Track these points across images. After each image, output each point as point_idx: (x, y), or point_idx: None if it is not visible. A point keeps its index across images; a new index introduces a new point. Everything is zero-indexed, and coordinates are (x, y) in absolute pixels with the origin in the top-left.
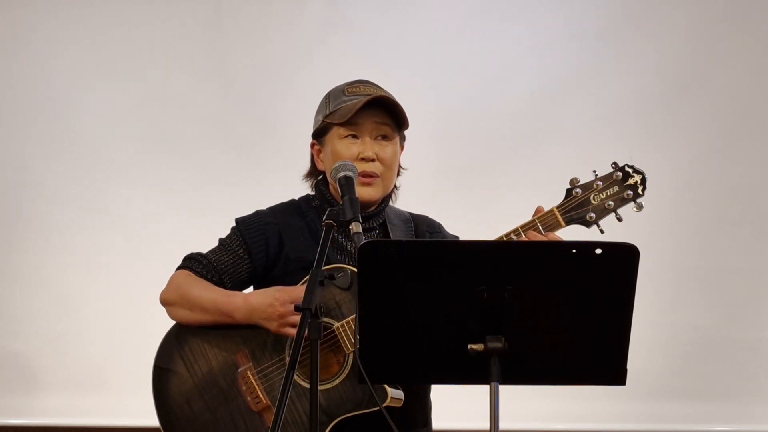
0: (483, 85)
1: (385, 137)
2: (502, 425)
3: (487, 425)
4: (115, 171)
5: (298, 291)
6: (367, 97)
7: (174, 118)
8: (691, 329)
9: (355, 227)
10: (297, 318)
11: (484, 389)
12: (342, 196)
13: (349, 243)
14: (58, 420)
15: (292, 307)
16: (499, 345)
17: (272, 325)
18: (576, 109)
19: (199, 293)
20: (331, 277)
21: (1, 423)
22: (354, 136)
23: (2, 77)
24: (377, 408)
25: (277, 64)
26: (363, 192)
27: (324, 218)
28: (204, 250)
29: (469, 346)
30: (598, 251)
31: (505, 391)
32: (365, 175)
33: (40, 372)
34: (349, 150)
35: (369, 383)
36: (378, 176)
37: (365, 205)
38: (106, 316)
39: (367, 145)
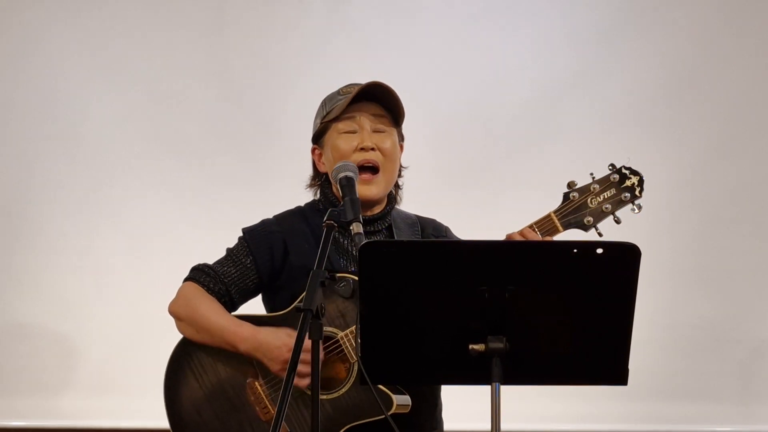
0: (485, 87)
1: (382, 131)
2: (503, 426)
3: (488, 426)
4: (119, 174)
5: (307, 343)
6: (361, 86)
7: (178, 122)
8: (691, 329)
9: (356, 228)
10: (300, 368)
11: (486, 389)
12: (343, 197)
13: (351, 245)
14: (61, 422)
15: (306, 366)
16: (500, 345)
17: (274, 367)
18: (577, 111)
19: (208, 316)
20: (333, 278)
21: (4, 425)
22: (352, 132)
23: (7, 80)
24: (380, 417)
25: (280, 67)
26: (366, 191)
27: (324, 219)
28: (210, 258)
29: (470, 347)
30: (600, 251)
31: (507, 391)
32: (366, 163)
33: (44, 374)
34: (348, 143)
35: (371, 386)
36: (378, 170)
37: (369, 204)
38: (110, 319)
39: (365, 135)
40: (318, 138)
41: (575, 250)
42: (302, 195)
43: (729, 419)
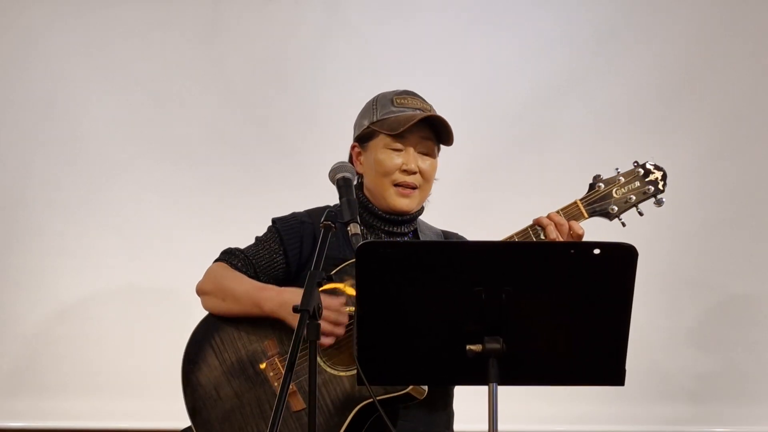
0: (481, 88)
1: (427, 154)
2: (500, 426)
3: (485, 426)
4: (115, 175)
5: (330, 300)
6: (421, 114)
7: (174, 123)
8: (688, 330)
9: (354, 228)
10: (325, 326)
11: (483, 390)
12: (340, 198)
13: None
14: (57, 423)
15: (328, 324)
16: (497, 346)
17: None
18: (575, 113)
19: (234, 284)
20: (330, 279)
21: (3, 426)
22: (399, 150)
23: (5, 82)
24: (402, 393)
25: (276, 68)
26: (402, 203)
27: (322, 220)
28: (209, 259)
29: (467, 347)
30: (597, 251)
31: (504, 392)
32: (406, 185)
33: (39, 375)
34: (392, 161)
35: (366, 384)
36: (417, 188)
37: (402, 214)
38: (108, 320)
39: (411, 158)
40: (363, 140)
41: (572, 251)
42: (301, 196)
43: (726, 420)
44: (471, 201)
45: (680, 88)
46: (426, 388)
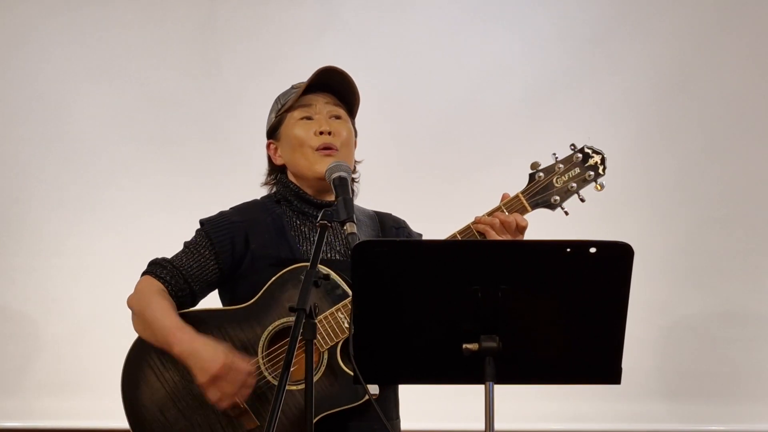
0: (475, 86)
1: (338, 117)
2: (497, 425)
3: (482, 425)
4: (108, 173)
5: (244, 372)
6: (316, 71)
7: (168, 120)
8: (684, 328)
9: (350, 227)
10: (227, 388)
11: (480, 389)
12: (336, 197)
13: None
14: (51, 423)
15: (234, 386)
16: (493, 344)
17: (200, 378)
18: (569, 111)
19: (155, 314)
20: (326, 278)
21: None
22: (308, 118)
23: None
24: (355, 404)
25: (270, 64)
26: (325, 162)
27: (318, 219)
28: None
29: (463, 346)
30: (593, 250)
31: (501, 390)
32: (325, 147)
33: (33, 374)
34: (305, 129)
35: (363, 383)
36: (338, 150)
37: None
38: (99, 319)
39: (322, 121)
40: (273, 132)
41: (568, 249)
42: None
43: (722, 418)
44: (467, 197)
45: (675, 87)
46: (378, 391)
